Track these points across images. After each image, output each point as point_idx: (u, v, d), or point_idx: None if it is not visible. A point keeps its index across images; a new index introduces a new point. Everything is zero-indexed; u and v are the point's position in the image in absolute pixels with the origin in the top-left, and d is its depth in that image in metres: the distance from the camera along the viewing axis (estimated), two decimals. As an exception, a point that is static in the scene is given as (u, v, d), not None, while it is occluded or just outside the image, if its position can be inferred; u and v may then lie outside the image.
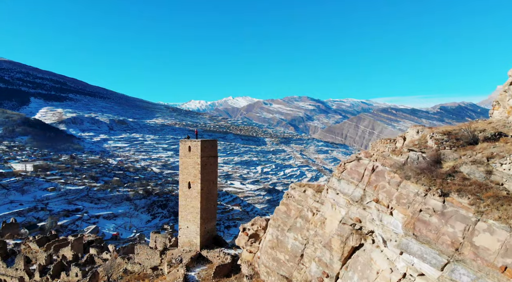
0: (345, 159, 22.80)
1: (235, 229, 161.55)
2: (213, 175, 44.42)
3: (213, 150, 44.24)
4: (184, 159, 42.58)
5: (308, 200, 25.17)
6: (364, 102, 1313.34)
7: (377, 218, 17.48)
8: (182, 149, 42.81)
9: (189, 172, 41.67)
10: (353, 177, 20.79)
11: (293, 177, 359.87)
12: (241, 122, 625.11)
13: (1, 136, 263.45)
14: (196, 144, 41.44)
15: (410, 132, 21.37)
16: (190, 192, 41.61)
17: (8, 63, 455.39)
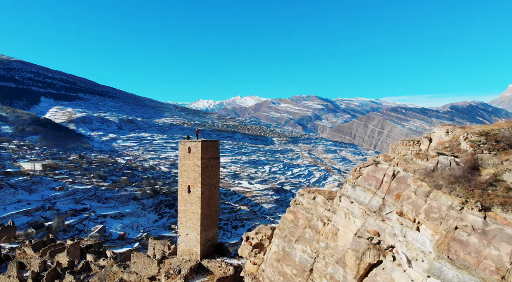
0: (361, 163, 20.25)
1: (242, 229, 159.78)
2: (215, 178, 41.65)
3: (215, 151, 41.56)
4: (183, 160, 40.10)
5: (319, 208, 22.65)
6: (373, 101, 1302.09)
7: (400, 232, 14.97)
8: (181, 150, 40.38)
9: (189, 174, 39.25)
10: (370, 183, 18.33)
11: (301, 176, 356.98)
12: (249, 121, 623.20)
13: (11, 135, 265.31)
14: (196, 145, 38.93)
15: (438, 133, 18.24)
16: (190, 196, 39.09)
17: (19, 63, 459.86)
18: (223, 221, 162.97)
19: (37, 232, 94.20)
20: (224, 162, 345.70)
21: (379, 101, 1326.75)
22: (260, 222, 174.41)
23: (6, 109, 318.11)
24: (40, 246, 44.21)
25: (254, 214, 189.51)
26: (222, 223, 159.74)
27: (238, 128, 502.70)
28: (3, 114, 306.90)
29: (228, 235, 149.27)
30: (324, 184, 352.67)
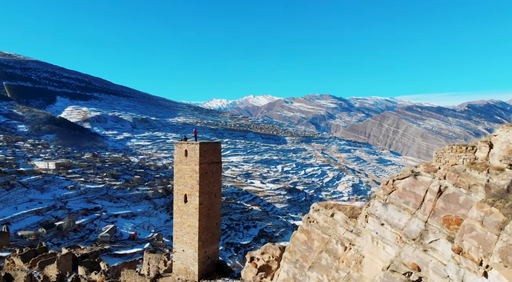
0: (395, 174, 16.11)
1: (254, 230, 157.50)
2: (216, 185, 36.93)
3: (216, 154, 36.93)
4: (179, 165, 35.47)
5: (338, 229, 18.54)
6: (388, 100, 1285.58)
7: (456, 275, 11.13)
8: (177, 153, 35.72)
9: (185, 181, 34.72)
10: (407, 201, 14.58)
11: (314, 176, 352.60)
12: (261, 121, 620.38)
13: (27, 134, 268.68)
14: (194, 147, 34.30)
15: (503, 136, 13.09)
16: (187, 207, 34.55)
17: (36, 63, 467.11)
18: (235, 221, 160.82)
19: (47, 231, 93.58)
20: (236, 161, 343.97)
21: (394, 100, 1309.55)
22: (272, 222, 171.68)
23: (22, 108, 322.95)
24: (31, 255, 41.03)
25: (266, 214, 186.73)
26: (234, 223, 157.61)
27: (251, 127, 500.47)
28: (19, 113, 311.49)
29: (240, 236, 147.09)
30: (337, 183, 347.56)
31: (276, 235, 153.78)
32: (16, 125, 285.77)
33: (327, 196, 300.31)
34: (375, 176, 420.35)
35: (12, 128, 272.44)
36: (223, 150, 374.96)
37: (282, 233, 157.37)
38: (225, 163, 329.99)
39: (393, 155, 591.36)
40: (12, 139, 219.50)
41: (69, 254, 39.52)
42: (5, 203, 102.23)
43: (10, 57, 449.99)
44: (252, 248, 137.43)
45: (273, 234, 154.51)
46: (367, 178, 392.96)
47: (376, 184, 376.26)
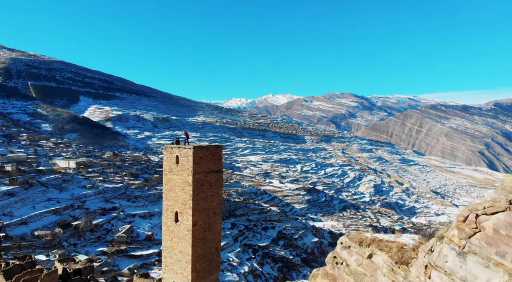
0: (475, 204, 10.63)
1: (272, 231, 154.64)
2: (215, 200, 30.43)
3: (215, 161, 30.38)
4: (169, 175, 29.08)
5: (380, 278, 12.79)
6: (411, 98, 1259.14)
7: None
8: (166, 160, 29.48)
9: (176, 196, 28.55)
10: (502, 251, 8.98)
11: (334, 176, 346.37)
12: (280, 120, 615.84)
13: (51, 133, 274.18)
14: (186, 153, 28.10)
15: None
16: (177, 227, 28.39)
17: (60, 63, 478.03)
18: (252, 222, 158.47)
19: (64, 231, 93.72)
20: (255, 160, 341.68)
21: (417, 98, 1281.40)
22: (291, 224, 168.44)
23: (46, 108, 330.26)
24: (17, 271, 36.26)
25: (285, 215, 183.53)
26: (252, 224, 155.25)
27: (270, 126, 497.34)
28: (43, 113, 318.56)
29: (258, 237, 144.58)
30: (358, 184, 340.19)
31: (295, 237, 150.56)
32: (40, 124, 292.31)
33: (347, 196, 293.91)
34: (397, 176, 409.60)
35: (36, 127, 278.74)
36: (241, 149, 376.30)
37: (301, 235, 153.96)
38: (243, 162, 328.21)
39: (417, 154, 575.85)
40: (35, 138, 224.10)
41: (55, 272, 34.61)
42: (24, 202, 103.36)
43: (36, 58, 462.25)
44: (270, 250, 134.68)
45: (292, 236, 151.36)
46: (390, 178, 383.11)
47: (398, 185, 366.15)
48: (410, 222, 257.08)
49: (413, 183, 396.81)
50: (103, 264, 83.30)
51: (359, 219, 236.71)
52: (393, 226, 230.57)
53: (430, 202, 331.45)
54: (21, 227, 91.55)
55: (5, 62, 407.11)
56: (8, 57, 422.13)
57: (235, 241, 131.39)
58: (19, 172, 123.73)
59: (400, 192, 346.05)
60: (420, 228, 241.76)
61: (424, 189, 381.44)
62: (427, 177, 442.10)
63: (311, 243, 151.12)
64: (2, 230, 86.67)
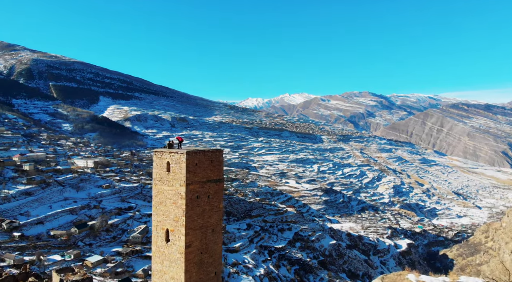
0: None
1: (289, 233, 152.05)
2: (214, 216, 26.04)
3: (215, 168, 26.14)
4: (159, 185, 25.27)
5: None
6: (431, 97, 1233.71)
7: None
8: (156, 167, 25.67)
9: (167, 210, 24.61)
10: None
11: (352, 176, 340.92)
12: (297, 119, 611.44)
13: (71, 133, 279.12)
14: (179, 159, 24.20)
15: None
16: (168, 248, 24.48)
17: (80, 64, 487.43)
18: (268, 223, 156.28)
19: (79, 231, 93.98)
20: (271, 160, 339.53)
21: (438, 97, 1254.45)
22: (307, 225, 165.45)
23: (67, 108, 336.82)
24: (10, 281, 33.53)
25: (301, 216, 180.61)
26: (268, 225, 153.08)
27: (286, 126, 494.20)
28: (64, 112, 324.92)
29: (274, 239, 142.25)
30: (377, 185, 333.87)
31: (312, 239, 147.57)
32: (60, 124, 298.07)
33: (366, 197, 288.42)
34: (418, 176, 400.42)
35: (57, 127, 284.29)
36: (257, 148, 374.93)
37: (318, 237, 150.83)
38: (259, 162, 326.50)
39: (438, 154, 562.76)
40: (55, 137, 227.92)
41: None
42: (40, 201, 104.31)
43: (57, 59, 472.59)
44: (287, 252, 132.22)
45: (309, 237, 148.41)
46: (410, 179, 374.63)
47: (419, 185, 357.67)
48: (431, 224, 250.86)
49: (434, 184, 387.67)
50: (118, 265, 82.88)
51: (378, 220, 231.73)
52: (413, 228, 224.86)
53: (452, 204, 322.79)
54: (37, 226, 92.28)
55: (27, 63, 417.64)
56: (30, 58, 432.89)
57: (250, 242, 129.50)
58: (37, 171, 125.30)
59: (420, 193, 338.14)
60: (441, 230, 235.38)
61: (446, 190, 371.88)
62: (448, 177, 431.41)
63: (328, 245, 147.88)
64: (19, 229, 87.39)
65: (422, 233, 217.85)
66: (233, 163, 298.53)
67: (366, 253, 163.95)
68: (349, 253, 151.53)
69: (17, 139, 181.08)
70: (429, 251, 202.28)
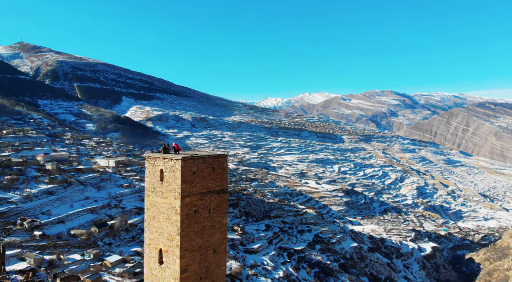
0: None
1: (308, 234, 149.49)
2: (217, 233, 22.70)
3: (217, 176, 22.84)
4: (152, 196, 22.43)
5: None
6: (456, 96, 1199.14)
7: None
8: (149, 175, 22.97)
9: (161, 227, 21.52)
10: None
11: (374, 177, 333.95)
12: (317, 119, 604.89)
13: (94, 132, 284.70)
14: (173, 166, 21.15)
15: None
16: (162, 272, 21.36)
17: (103, 65, 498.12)
18: (288, 224, 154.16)
19: (99, 231, 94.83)
20: (290, 160, 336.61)
21: (463, 95, 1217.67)
22: (328, 227, 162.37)
23: (91, 108, 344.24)
24: None
25: (321, 218, 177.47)
26: (287, 227, 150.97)
27: (306, 125, 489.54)
28: (88, 113, 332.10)
29: (293, 240, 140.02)
30: (400, 186, 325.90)
31: (333, 242, 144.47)
32: (84, 124, 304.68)
33: (388, 199, 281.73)
34: (442, 178, 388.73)
35: (80, 127, 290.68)
36: (277, 148, 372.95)
37: (339, 240, 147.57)
38: (279, 161, 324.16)
39: (463, 155, 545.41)
40: (79, 137, 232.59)
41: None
42: (62, 200, 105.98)
43: (81, 60, 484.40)
44: (306, 254, 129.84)
45: (329, 240, 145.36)
46: (434, 180, 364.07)
47: (443, 187, 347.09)
48: (456, 226, 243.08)
49: (459, 185, 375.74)
50: (136, 265, 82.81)
51: (401, 222, 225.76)
52: (438, 231, 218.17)
53: (478, 206, 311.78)
54: (58, 225, 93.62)
55: (53, 65, 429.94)
56: (56, 60, 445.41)
57: (269, 244, 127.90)
58: (59, 171, 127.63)
59: (445, 194, 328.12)
60: (467, 233, 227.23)
61: (472, 191, 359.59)
62: (474, 178, 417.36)
63: (349, 248, 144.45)
64: (40, 228, 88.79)
65: (447, 236, 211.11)
66: (252, 162, 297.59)
67: (388, 256, 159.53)
68: (371, 256, 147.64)
69: (42, 139, 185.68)
70: (454, 254, 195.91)
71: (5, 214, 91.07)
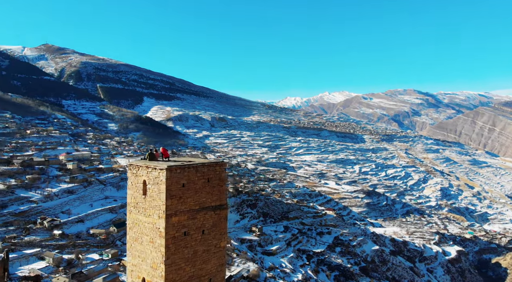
0: None
1: (328, 237, 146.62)
2: (213, 260, 18.86)
3: (213, 190, 19.02)
4: (134, 213, 18.86)
5: None
6: (482, 95, 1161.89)
7: None
8: (131, 187, 19.37)
9: (144, 252, 18.03)
10: None
11: (396, 178, 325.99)
12: (337, 118, 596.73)
13: (116, 132, 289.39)
14: (157, 178, 17.41)
15: None
16: None
17: (126, 66, 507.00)
18: (307, 225, 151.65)
19: (118, 230, 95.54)
20: (309, 160, 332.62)
21: (489, 94, 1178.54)
22: (348, 230, 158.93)
23: (113, 108, 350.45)
24: None
25: (342, 220, 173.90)
26: (306, 228, 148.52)
27: (325, 125, 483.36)
28: (110, 113, 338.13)
29: (313, 242, 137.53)
30: (423, 187, 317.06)
31: (354, 244, 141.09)
32: (106, 124, 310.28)
33: (411, 200, 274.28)
34: (467, 179, 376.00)
35: (103, 127, 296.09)
36: (296, 148, 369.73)
37: (360, 242, 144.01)
38: (297, 162, 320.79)
39: (489, 155, 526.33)
40: (100, 137, 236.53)
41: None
42: (82, 200, 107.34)
43: (104, 62, 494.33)
44: (326, 257, 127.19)
45: (350, 242, 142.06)
46: (458, 181, 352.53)
47: (468, 188, 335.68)
48: (482, 229, 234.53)
49: (485, 187, 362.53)
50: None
51: (424, 225, 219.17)
52: (463, 234, 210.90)
53: (505, 208, 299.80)
54: (77, 225, 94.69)
55: (77, 66, 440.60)
56: (79, 61, 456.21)
57: (288, 246, 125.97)
58: (80, 170, 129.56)
59: (470, 196, 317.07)
60: (493, 237, 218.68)
61: (498, 193, 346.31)
62: (501, 180, 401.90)
63: (371, 251, 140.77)
64: (59, 227, 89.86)
65: (472, 239, 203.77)
66: (271, 162, 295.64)
67: (411, 260, 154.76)
68: (393, 260, 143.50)
69: (64, 139, 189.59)
70: (480, 258, 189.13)
71: (26, 213, 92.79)
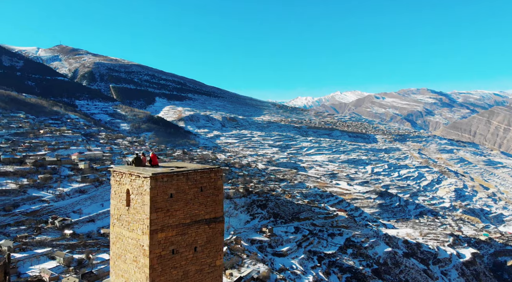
0: None
1: (340, 238, 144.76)
2: (208, 280, 16.83)
3: (207, 200, 16.87)
4: (117, 227, 17.16)
5: None
6: (497, 94, 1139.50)
7: None
8: (114, 196, 17.27)
9: (127, 271, 16.15)
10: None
11: (409, 179, 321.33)
12: (348, 118, 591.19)
13: (128, 132, 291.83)
14: (140, 187, 15.32)
15: None
16: None
17: (138, 66, 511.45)
18: (318, 227, 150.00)
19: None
20: (320, 160, 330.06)
21: (505, 93, 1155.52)
22: (360, 231, 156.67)
23: (125, 108, 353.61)
24: None
25: (353, 221, 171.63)
26: (317, 229, 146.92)
27: (337, 125, 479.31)
28: (122, 113, 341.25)
29: (324, 244, 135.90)
30: (437, 188, 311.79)
31: (366, 246, 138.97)
32: (119, 124, 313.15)
33: (425, 201, 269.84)
34: (482, 179, 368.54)
35: (115, 127, 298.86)
36: (306, 148, 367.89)
37: (372, 244, 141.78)
38: (308, 162, 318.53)
39: (505, 156, 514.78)
40: (113, 137, 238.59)
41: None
42: (93, 199, 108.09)
43: (116, 62, 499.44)
44: (337, 259, 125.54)
45: (362, 244, 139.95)
46: (473, 182, 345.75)
47: (483, 189, 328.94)
48: (497, 231, 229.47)
49: (501, 188, 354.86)
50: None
51: (438, 226, 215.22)
52: (478, 236, 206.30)
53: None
54: (88, 224, 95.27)
55: (90, 67, 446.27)
56: (92, 62, 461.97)
57: (298, 247, 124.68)
58: (92, 170, 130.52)
59: (485, 197, 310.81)
60: (509, 239, 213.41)
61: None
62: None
63: (383, 252, 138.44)
64: (70, 227, 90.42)
65: (487, 241, 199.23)
66: (281, 162, 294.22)
67: (425, 262, 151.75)
68: (406, 262, 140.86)
69: (77, 139, 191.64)
70: (495, 261, 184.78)
71: (37, 212, 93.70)
